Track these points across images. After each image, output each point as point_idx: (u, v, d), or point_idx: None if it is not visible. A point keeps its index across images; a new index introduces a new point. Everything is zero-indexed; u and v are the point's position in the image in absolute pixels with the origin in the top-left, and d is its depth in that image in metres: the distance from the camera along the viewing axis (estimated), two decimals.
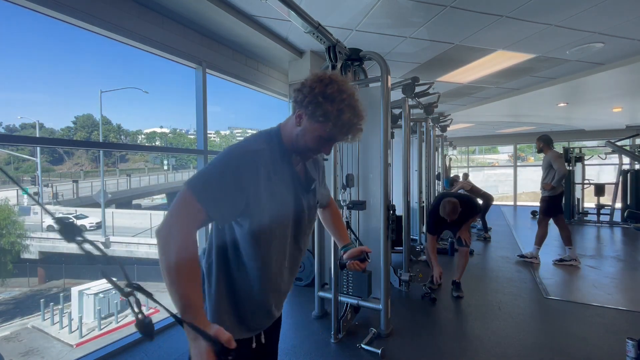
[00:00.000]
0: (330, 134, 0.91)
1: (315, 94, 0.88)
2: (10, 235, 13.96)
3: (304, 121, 0.92)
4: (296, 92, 0.93)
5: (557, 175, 4.23)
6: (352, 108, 0.90)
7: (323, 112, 0.88)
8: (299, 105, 0.92)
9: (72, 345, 9.16)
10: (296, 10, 1.87)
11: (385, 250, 2.55)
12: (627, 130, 9.27)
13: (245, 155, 0.87)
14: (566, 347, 2.38)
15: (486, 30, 3.10)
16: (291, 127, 0.96)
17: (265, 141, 0.94)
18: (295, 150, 0.97)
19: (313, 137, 0.92)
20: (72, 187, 20.11)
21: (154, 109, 57.91)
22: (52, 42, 48.82)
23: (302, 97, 0.91)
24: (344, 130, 0.91)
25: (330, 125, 0.89)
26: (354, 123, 0.91)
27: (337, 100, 0.88)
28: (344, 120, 0.89)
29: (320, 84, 0.89)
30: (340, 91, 0.88)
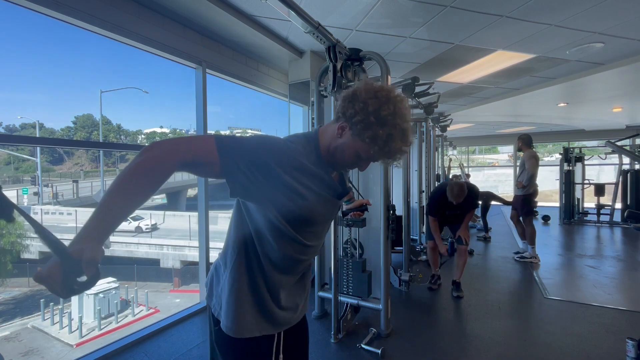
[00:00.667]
0: (373, 157, 0.87)
1: (368, 113, 0.81)
2: (10, 235, 13.96)
3: (347, 135, 0.86)
4: (346, 102, 0.86)
5: (526, 175, 4.36)
6: (403, 134, 0.84)
7: (372, 135, 0.82)
8: (345, 118, 0.86)
9: (72, 345, 9.17)
10: (296, 10, 1.87)
11: (385, 250, 2.55)
12: (627, 130, 9.26)
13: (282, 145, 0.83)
14: (566, 347, 2.38)
15: (486, 30, 3.10)
16: (331, 136, 0.90)
17: (302, 144, 0.89)
18: (329, 160, 0.92)
19: (353, 154, 0.87)
20: (72, 187, 20.10)
21: (154, 109, 57.89)
22: (52, 42, 48.85)
23: (352, 112, 0.84)
24: (389, 155, 0.86)
25: (376, 149, 0.83)
26: (401, 150, 0.86)
27: (390, 125, 0.82)
28: (391, 147, 0.84)
29: (376, 101, 0.82)
30: (394, 115, 0.82)
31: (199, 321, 2.84)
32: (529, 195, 4.43)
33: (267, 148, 0.80)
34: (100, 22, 2.24)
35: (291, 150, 0.83)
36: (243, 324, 0.90)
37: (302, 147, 0.87)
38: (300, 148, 0.86)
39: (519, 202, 4.53)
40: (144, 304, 11.36)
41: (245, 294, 0.90)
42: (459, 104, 6.52)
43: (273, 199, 0.82)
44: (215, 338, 0.95)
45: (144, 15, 2.52)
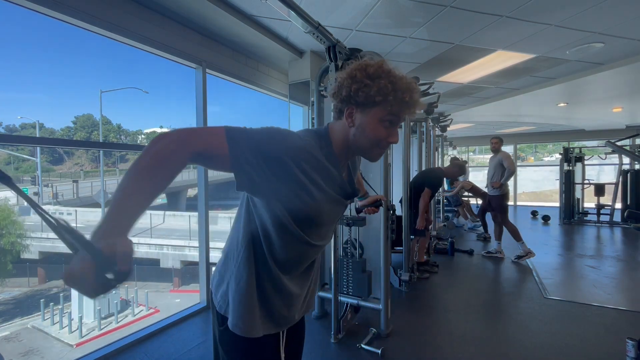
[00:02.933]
0: (393, 110, 0.82)
1: (360, 79, 0.81)
2: (10, 235, 13.97)
3: (358, 115, 0.84)
4: (336, 93, 0.86)
5: (506, 173, 4.50)
6: (402, 77, 0.83)
7: (377, 90, 0.80)
8: (346, 102, 0.85)
9: (72, 345, 9.17)
10: (296, 10, 1.87)
11: (385, 250, 2.55)
12: (627, 130, 9.26)
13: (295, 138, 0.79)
14: (566, 347, 2.38)
15: (486, 30, 3.10)
16: (343, 131, 0.87)
17: (316, 140, 0.85)
18: (357, 153, 0.90)
19: (375, 126, 0.84)
20: (72, 187, 20.11)
21: (154, 109, 57.95)
22: (52, 42, 48.86)
23: (346, 92, 0.83)
24: (406, 97, 0.81)
25: (390, 99, 0.80)
26: (412, 88, 0.82)
27: (385, 74, 0.81)
28: (402, 87, 0.81)
29: (359, 70, 0.83)
30: (381, 67, 0.82)
31: (199, 321, 2.84)
32: (504, 195, 4.61)
33: (279, 140, 0.77)
34: (100, 22, 2.24)
35: (304, 144, 0.80)
36: (252, 324, 0.89)
37: (315, 141, 0.85)
38: (313, 142, 0.83)
39: (495, 202, 4.66)
40: (144, 304, 11.37)
41: (253, 292, 0.89)
42: (459, 104, 6.52)
43: (281, 194, 0.79)
44: (220, 338, 0.94)
45: (144, 15, 2.52)
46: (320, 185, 0.82)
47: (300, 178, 0.78)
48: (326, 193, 0.84)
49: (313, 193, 0.81)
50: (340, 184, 0.88)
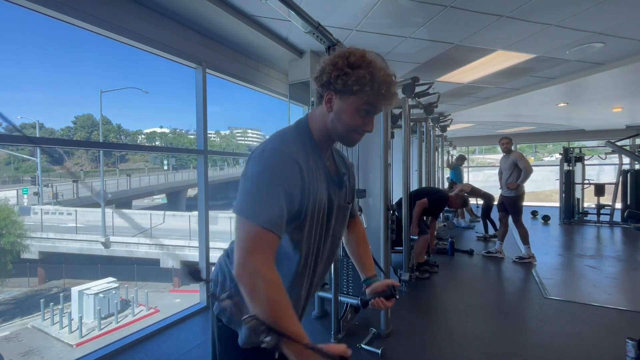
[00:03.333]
0: (369, 100, 0.85)
1: (341, 67, 0.84)
2: (10, 235, 13.96)
3: (336, 101, 0.87)
4: (318, 77, 0.89)
5: (523, 175, 4.38)
6: (382, 68, 0.85)
7: (355, 79, 0.82)
8: (326, 88, 0.87)
9: (72, 345, 9.17)
10: (296, 10, 1.87)
11: (385, 250, 2.55)
12: (627, 130, 9.26)
13: (283, 158, 0.81)
14: (566, 347, 2.38)
15: (486, 30, 3.10)
16: (322, 116, 0.91)
17: (296, 140, 0.88)
18: (334, 139, 0.93)
19: (351, 114, 0.86)
20: (72, 187, 20.11)
21: (154, 109, 57.98)
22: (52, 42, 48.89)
23: (326, 77, 0.86)
24: (383, 89, 0.84)
25: (367, 89, 0.83)
26: (389, 81, 0.85)
27: (365, 65, 0.83)
28: (379, 79, 0.83)
29: (342, 57, 0.85)
30: (363, 57, 0.85)
31: (199, 321, 2.84)
32: (520, 196, 4.49)
33: (275, 179, 0.79)
34: (100, 22, 2.24)
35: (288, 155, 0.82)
36: None
37: (295, 141, 0.87)
38: (294, 145, 0.85)
39: (510, 203, 4.53)
40: (144, 304, 11.37)
41: None
42: (459, 104, 6.52)
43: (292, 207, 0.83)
44: (219, 334, 0.95)
45: (144, 15, 2.52)
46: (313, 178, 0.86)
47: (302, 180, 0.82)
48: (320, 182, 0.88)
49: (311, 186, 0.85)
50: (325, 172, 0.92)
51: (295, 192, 0.81)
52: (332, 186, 0.94)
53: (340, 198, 0.98)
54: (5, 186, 24.42)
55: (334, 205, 0.94)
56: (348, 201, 1.03)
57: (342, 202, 0.99)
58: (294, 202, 0.81)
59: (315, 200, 0.87)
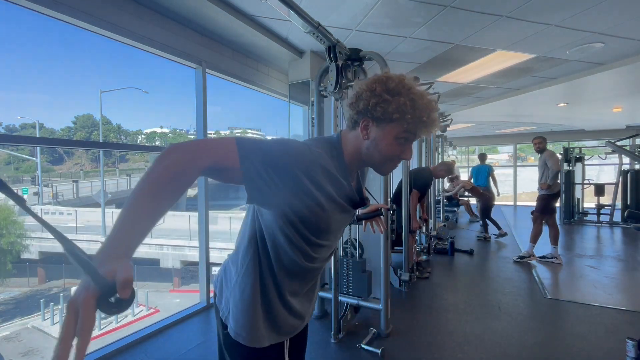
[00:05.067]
0: (409, 129, 0.81)
1: (379, 94, 0.80)
2: (10, 235, 13.96)
3: (373, 129, 0.83)
4: (353, 104, 0.85)
5: (550, 173, 4.29)
6: (423, 95, 0.81)
7: (396, 107, 0.79)
8: (362, 115, 0.83)
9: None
10: (296, 10, 1.87)
11: (385, 250, 2.55)
12: (627, 130, 9.26)
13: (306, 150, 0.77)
14: (566, 347, 2.38)
15: (486, 30, 3.10)
16: (356, 142, 0.87)
17: (327, 150, 0.84)
18: (368, 165, 0.90)
19: (390, 142, 0.83)
20: (72, 187, 20.11)
21: (154, 109, 57.92)
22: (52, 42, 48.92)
23: (364, 105, 0.82)
24: (424, 117, 0.80)
25: (408, 117, 0.79)
26: (431, 108, 0.81)
27: (405, 91, 0.80)
28: (420, 106, 0.79)
29: (379, 83, 0.81)
30: (402, 82, 0.81)
31: (199, 321, 2.84)
32: (553, 195, 4.38)
33: (291, 153, 0.75)
34: (100, 22, 2.24)
35: (316, 156, 0.78)
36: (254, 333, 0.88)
37: (326, 152, 0.84)
38: (324, 153, 0.82)
39: (540, 202, 4.45)
40: (144, 304, 11.36)
41: (257, 301, 0.88)
42: (459, 104, 6.52)
43: (291, 205, 0.78)
44: (224, 341, 0.94)
45: (144, 15, 2.52)
46: (331, 195, 0.81)
47: (311, 190, 0.76)
48: (336, 203, 0.83)
49: (323, 204, 0.80)
50: (349, 193, 0.87)
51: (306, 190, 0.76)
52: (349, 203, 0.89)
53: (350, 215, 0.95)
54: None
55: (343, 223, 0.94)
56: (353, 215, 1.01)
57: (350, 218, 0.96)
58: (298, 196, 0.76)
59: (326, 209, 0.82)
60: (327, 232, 0.88)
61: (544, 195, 4.41)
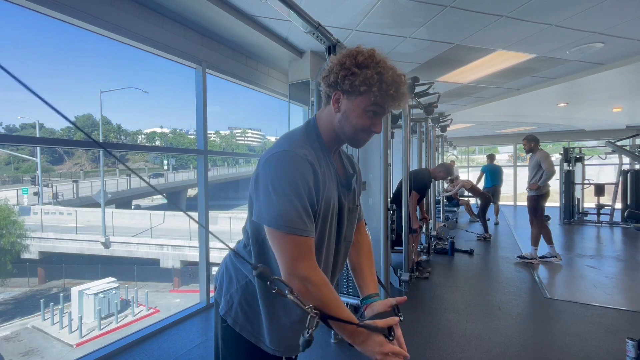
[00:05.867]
0: (378, 101, 0.83)
1: (348, 67, 0.82)
2: (10, 235, 13.96)
3: (344, 101, 0.86)
4: (325, 77, 0.88)
5: (545, 175, 4.27)
6: (391, 68, 0.83)
7: (363, 80, 0.81)
8: (333, 88, 0.86)
9: (72, 345, 9.16)
10: (296, 10, 1.87)
11: (385, 250, 2.55)
12: (627, 130, 9.26)
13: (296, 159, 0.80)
14: (566, 347, 2.38)
15: (486, 30, 3.10)
16: (329, 116, 0.90)
17: (305, 142, 0.87)
18: (342, 140, 0.91)
19: (359, 114, 0.85)
20: (72, 187, 20.11)
21: (154, 109, 57.99)
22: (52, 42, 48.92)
23: (334, 77, 0.84)
24: (391, 90, 0.82)
25: (375, 90, 0.81)
26: (399, 81, 0.83)
27: (373, 65, 0.81)
28: (387, 79, 0.81)
29: (349, 57, 0.83)
30: (371, 56, 0.83)
31: (199, 321, 2.84)
32: (542, 196, 4.38)
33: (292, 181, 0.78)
34: (100, 22, 2.24)
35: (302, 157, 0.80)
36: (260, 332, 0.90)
37: (307, 146, 0.85)
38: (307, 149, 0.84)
39: (530, 203, 4.46)
40: (144, 304, 11.36)
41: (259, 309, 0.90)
42: (459, 104, 6.52)
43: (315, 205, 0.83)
44: (222, 334, 0.94)
45: (144, 15, 2.52)
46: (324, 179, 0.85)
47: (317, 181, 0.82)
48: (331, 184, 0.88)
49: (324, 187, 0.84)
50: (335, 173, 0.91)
51: (312, 192, 0.81)
52: (342, 188, 0.93)
53: (350, 200, 0.96)
54: (5, 186, 24.42)
55: (344, 206, 0.93)
56: (356, 204, 1.02)
57: (351, 204, 0.97)
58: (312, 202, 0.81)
59: (329, 201, 0.86)
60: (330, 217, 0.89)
61: (534, 197, 4.41)
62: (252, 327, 0.90)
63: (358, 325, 0.78)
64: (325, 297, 0.77)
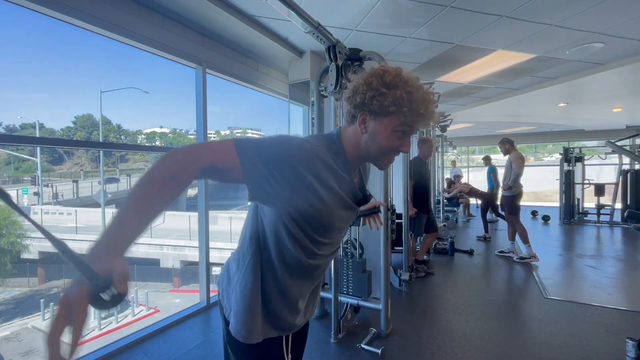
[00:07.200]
0: (407, 121, 0.81)
1: (376, 87, 0.80)
2: (10, 235, 13.96)
3: (371, 123, 0.83)
4: (350, 98, 0.85)
5: (512, 175, 4.48)
6: (420, 88, 0.81)
7: (392, 100, 0.78)
8: (360, 109, 0.83)
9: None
10: (296, 10, 1.87)
11: (385, 250, 2.55)
12: (627, 130, 9.25)
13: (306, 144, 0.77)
14: (566, 347, 2.38)
15: (486, 30, 3.10)
16: (355, 137, 0.86)
17: (327, 145, 0.84)
18: (365, 159, 0.89)
19: (387, 135, 0.82)
20: (72, 187, 20.12)
21: (154, 109, 57.96)
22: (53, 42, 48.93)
23: (360, 98, 0.82)
24: (422, 109, 0.80)
25: (405, 110, 0.79)
26: (428, 100, 0.81)
27: (401, 84, 0.79)
28: (417, 99, 0.79)
29: (376, 77, 0.81)
30: (399, 75, 0.81)
31: (199, 321, 2.84)
32: (516, 196, 4.56)
33: (290, 148, 0.75)
34: (100, 22, 2.24)
35: (316, 150, 0.78)
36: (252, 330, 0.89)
37: (326, 146, 0.83)
38: (324, 148, 0.82)
39: (506, 202, 4.65)
40: (144, 304, 11.36)
41: (257, 299, 0.89)
42: (459, 104, 6.52)
43: (293, 201, 0.78)
44: (228, 337, 0.94)
45: (144, 15, 2.52)
46: (333, 189, 0.81)
47: (313, 184, 0.77)
48: (338, 197, 0.84)
49: (325, 199, 0.80)
50: (351, 188, 0.87)
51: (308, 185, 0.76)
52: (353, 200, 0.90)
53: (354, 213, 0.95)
54: (5, 186, 24.43)
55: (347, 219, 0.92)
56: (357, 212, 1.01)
57: (353, 215, 0.96)
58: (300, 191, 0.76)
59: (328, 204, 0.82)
60: (329, 228, 0.88)
61: (508, 197, 4.58)
62: (245, 328, 0.90)
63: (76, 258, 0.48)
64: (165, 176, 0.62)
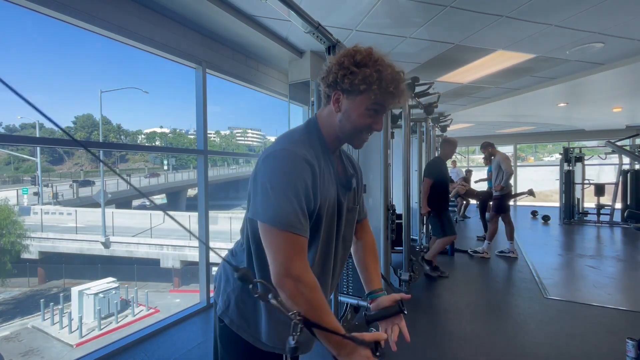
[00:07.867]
0: (378, 99, 0.83)
1: (347, 66, 0.83)
2: (10, 235, 13.96)
3: (344, 101, 0.86)
4: (324, 77, 0.88)
5: (505, 176, 4.56)
6: (390, 65, 0.83)
7: (362, 78, 0.81)
8: (333, 87, 0.86)
9: (72, 345, 9.17)
10: (296, 10, 1.87)
11: (385, 250, 2.55)
12: (627, 130, 9.26)
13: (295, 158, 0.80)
14: (566, 347, 2.38)
15: (486, 30, 3.10)
16: (330, 116, 0.90)
17: (305, 141, 0.86)
18: (342, 139, 0.91)
19: (360, 114, 0.85)
20: (72, 187, 20.11)
21: (154, 109, 58.02)
22: (52, 42, 48.94)
23: (333, 77, 0.85)
24: (391, 87, 0.82)
25: (375, 88, 0.81)
26: (398, 78, 0.83)
27: (371, 63, 0.82)
28: (386, 77, 0.81)
29: (347, 56, 0.84)
30: (369, 55, 0.83)
31: (199, 321, 2.84)
32: (505, 196, 4.68)
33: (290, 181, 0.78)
34: (100, 22, 2.24)
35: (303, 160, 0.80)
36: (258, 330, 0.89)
37: (307, 146, 0.85)
38: (306, 146, 0.84)
39: (495, 202, 4.76)
40: (144, 304, 11.36)
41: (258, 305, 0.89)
42: (459, 104, 6.52)
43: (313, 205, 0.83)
44: (220, 335, 0.94)
45: (144, 15, 2.52)
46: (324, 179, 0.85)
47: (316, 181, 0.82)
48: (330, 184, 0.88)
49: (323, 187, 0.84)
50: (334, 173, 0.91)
51: (309, 192, 0.80)
52: (341, 188, 0.93)
53: (349, 200, 0.96)
54: (5, 186, 24.43)
55: (343, 207, 0.93)
56: (356, 203, 1.02)
57: (351, 204, 0.97)
58: (309, 202, 0.80)
59: (326, 201, 0.85)
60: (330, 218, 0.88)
61: (498, 196, 4.69)
62: (249, 326, 0.90)
63: (344, 337, 0.75)
64: (315, 301, 0.76)
